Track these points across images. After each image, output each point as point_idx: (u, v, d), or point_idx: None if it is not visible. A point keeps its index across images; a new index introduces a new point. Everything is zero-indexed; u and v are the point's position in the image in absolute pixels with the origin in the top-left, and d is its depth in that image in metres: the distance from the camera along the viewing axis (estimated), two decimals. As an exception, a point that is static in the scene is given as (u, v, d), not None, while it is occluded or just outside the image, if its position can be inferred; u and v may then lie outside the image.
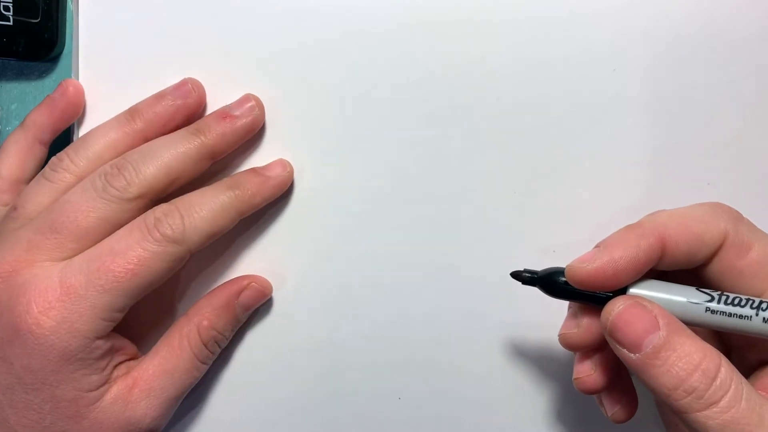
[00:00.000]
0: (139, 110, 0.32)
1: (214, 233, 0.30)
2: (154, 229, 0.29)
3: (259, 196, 0.31)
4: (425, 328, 0.33)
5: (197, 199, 0.30)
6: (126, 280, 0.28)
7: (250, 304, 0.33)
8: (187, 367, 0.31)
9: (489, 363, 0.33)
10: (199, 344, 0.31)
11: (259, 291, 0.33)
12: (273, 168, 0.32)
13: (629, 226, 0.27)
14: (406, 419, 0.34)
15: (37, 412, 0.28)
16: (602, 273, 0.25)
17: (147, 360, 0.31)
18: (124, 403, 0.30)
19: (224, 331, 0.32)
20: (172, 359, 0.31)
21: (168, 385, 0.30)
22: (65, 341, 0.28)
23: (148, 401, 0.30)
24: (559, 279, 0.27)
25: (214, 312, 0.32)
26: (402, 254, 0.33)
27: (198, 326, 0.31)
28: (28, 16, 0.34)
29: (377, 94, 0.33)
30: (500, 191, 0.33)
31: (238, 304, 0.32)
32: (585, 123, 0.32)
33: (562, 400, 0.33)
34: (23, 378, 0.28)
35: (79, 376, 0.28)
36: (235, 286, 0.32)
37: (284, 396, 0.34)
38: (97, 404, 0.29)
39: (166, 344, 0.31)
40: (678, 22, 0.31)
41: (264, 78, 0.33)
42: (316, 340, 0.34)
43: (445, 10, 0.32)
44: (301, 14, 0.33)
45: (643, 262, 0.26)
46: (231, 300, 0.32)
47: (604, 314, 0.25)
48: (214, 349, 0.32)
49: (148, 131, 0.31)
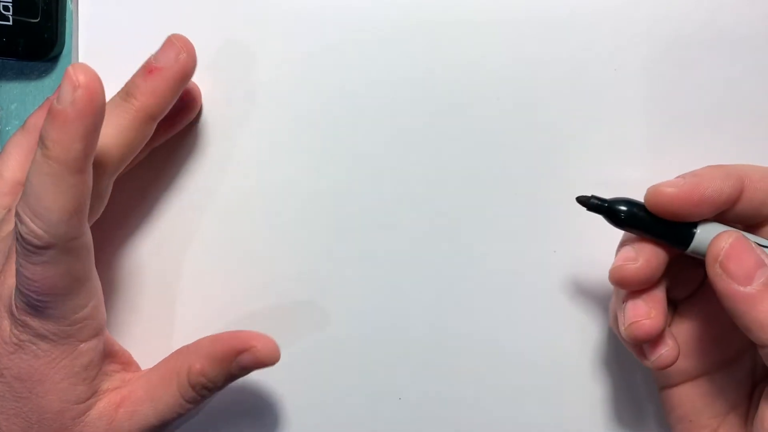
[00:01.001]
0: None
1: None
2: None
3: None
4: (425, 328, 0.33)
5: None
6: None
7: (247, 368, 0.30)
8: (171, 402, 0.29)
9: (489, 363, 0.33)
10: (186, 385, 0.29)
11: (258, 360, 0.29)
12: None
13: (713, 165, 0.27)
14: (406, 419, 0.34)
15: (25, 420, 0.28)
16: (687, 198, 0.25)
17: (141, 381, 0.30)
18: (108, 420, 0.29)
19: (215, 381, 0.30)
20: (161, 389, 0.29)
21: (150, 413, 0.29)
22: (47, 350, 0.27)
23: (129, 424, 0.29)
24: (629, 207, 0.27)
25: (209, 359, 0.29)
26: (402, 254, 0.33)
27: (190, 367, 0.29)
28: (28, 16, 0.34)
29: (377, 94, 0.33)
30: (500, 191, 0.33)
31: (236, 362, 0.29)
32: (585, 123, 0.32)
33: (563, 400, 0.33)
34: (14, 387, 0.28)
35: (65, 386, 0.28)
36: (239, 343, 0.29)
37: (284, 396, 0.34)
38: (83, 418, 0.28)
39: (161, 371, 0.30)
40: (678, 22, 0.31)
41: (264, 78, 0.33)
42: (316, 340, 0.34)
43: (445, 10, 0.32)
44: (300, 14, 0.33)
45: (725, 198, 0.25)
46: (229, 356, 0.29)
47: (716, 243, 0.25)
48: (202, 393, 0.30)
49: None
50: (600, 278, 0.33)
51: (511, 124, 0.32)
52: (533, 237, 0.33)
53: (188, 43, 0.30)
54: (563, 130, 0.32)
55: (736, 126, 0.32)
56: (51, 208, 0.25)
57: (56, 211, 0.25)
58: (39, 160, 0.25)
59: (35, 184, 0.25)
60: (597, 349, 0.33)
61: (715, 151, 0.32)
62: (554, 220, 0.33)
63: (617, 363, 0.33)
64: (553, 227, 0.33)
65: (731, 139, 0.32)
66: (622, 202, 0.27)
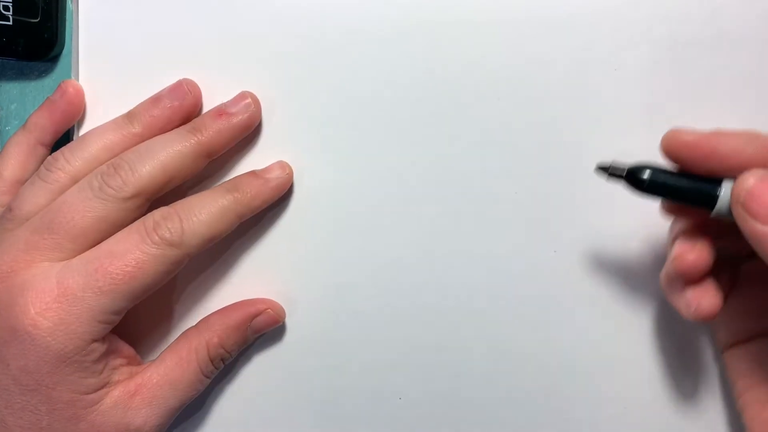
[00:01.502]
0: (136, 113, 0.32)
1: (212, 237, 0.30)
2: (153, 232, 0.29)
3: (258, 198, 0.32)
4: (425, 328, 0.33)
5: (197, 203, 0.30)
6: (123, 283, 0.28)
7: (261, 329, 0.33)
8: (192, 380, 0.31)
9: (489, 363, 0.33)
10: (206, 360, 0.31)
11: (272, 318, 0.33)
12: (272, 170, 0.32)
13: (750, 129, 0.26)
14: (406, 419, 0.34)
15: (34, 414, 0.28)
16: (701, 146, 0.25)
17: (152, 368, 0.31)
18: (124, 408, 0.29)
19: (232, 350, 0.32)
20: (179, 371, 0.31)
21: (170, 395, 0.31)
22: (61, 343, 0.28)
23: (149, 409, 0.30)
24: (651, 171, 0.26)
25: (226, 331, 0.32)
26: (402, 254, 0.33)
27: (208, 342, 0.31)
28: (28, 16, 0.34)
29: (377, 94, 0.33)
30: (501, 191, 0.33)
31: (250, 328, 0.32)
32: (585, 123, 0.32)
33: (563, 399, 0.33)
34: (20, 379, 0.28)
35: (75, 378, 0.28)
36: (251, 309, 0.33)
37: (284, 396, 0.34)
38: (96, 407, 0.29)
39: (174, 355, 0.31)
40: (678, 22, 0.31)
41: (264, 78, 0.33)
42: (316, 340, 0.34)
43: (445, 10, 0.32)
44: (300, 14, 0.33)
45: (746, 158, 0.25)
46: (244, 322, 0.32)
47: (738, 184, 0.25)
48: (219, 365, 0.32)
49: (146, 134, 0.31)
50: (600, 278, 0.33)
51: (511, 124, 0.32)
52: (533, 237, 0.33)
53: (257, 99, 0.33)
54: (563, 130, 0.32)
55: (736, 126, 0.32)
56: None
57: None
58: None
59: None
60: (597, 349, 0.33)
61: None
62: (554, 220, 0.33)
63: (617, 363, 0.33)
64: (553, 227, 0.33)
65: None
66: (643, 167, 0.26)
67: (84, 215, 0.29)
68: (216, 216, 0.30)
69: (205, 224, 0.30)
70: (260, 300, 0.33)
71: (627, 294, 0.33)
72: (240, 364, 0.34)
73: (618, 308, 0.33)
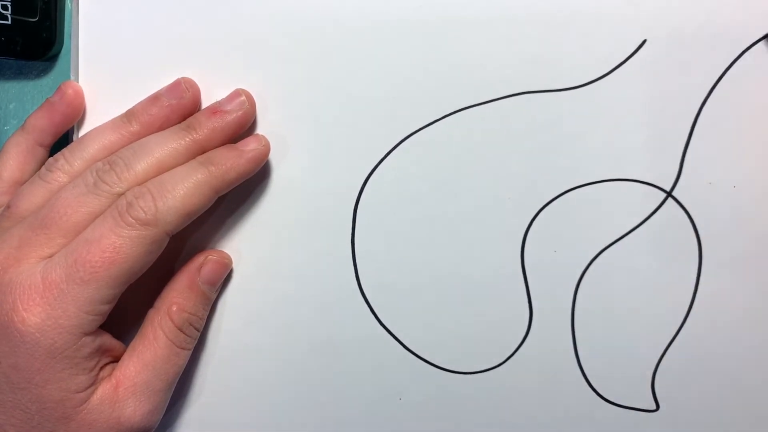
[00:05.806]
0: (134, 112, 0.32)
1: (189, 212, 0.29)
2: (126, 213, 0.28)
3: (233, 171, 0.31)
4: (425, 328, 0.34)
5: (169, 179, 0.30)
6: (104, 270, 0.28)
7: (213, 279, 0.32)
8: (166, 354, 0.31)
9: (489, 363, 0.33)
10: (173, 329, 0.31)
11: (218, 263, 0.32)
12: (248, 143, 0.32)
13: None
14: (406, 419, 0.34)
15: (24, 412, 0.28)
16: None
17: (126, 359, 0.31)
18: (111, 402, 0.29)
19: (196, 311, 0.32)
20: (149, 351, 0.30)
21: (151, 378, 0.30)
22: (51, 338, 0.27)
23: (134, 398, 0.30)
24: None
25: (180, 294, 0.31)
26: (402, 254, 0.33)
27: (168, 312, 0.31)
28: (27, 15, 0.33)
29: (377, 94, 0.33)
30: (501, 191, 0.33)
31: (201, 281, 0.32)
32: (585, 123, 0.32)
33: (562, 399, 0.33)
34: (10, 377, 0.28)
35: (65, 375, 0.28)
36: (193, 264, 0.32)
37: (284, 396, 0.34)
38: (84, 406, 0.29)
39: (141, 339, 0.31)
40: (678, 22, 0.31)
41: (264, 78, 0.33)
42: (316, 340, 0.34)
43: (446, 10, 0.32)
44: (300, 14, 0.33)
45: None
46: (193, 278, 0.32)
47: None
48: (190, 332, 0.32)
49: (144, 133, 0.31)
50: (600, 278, 0.33)
51: (511, 124, 0.32)
52: (533, 237, 0.33)
53: (252, 97, 0.32)
54: (563, 130, 0.32)
55: (737, 126, 0.32)
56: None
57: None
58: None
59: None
60: (597, 348, 0.33)
61: (715, 151, 0.32)
62: (554, 220, 0.33)
63: (618, 362, 0.33)
64: (553, 227, 0.33)
65: (732, 140, 0.32)
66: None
67: (77, 210, 0.29)
68: (190, 190, 0.29)
69: (179, 199, 0.29)
70: (200, 252, 0.33)
71: (627, 294, 0.33)
72: (239, 364, 0.34)
73: (618, 308, 0.33)
